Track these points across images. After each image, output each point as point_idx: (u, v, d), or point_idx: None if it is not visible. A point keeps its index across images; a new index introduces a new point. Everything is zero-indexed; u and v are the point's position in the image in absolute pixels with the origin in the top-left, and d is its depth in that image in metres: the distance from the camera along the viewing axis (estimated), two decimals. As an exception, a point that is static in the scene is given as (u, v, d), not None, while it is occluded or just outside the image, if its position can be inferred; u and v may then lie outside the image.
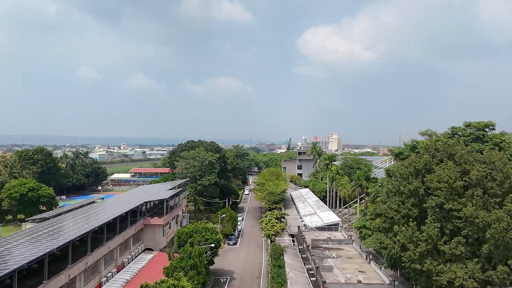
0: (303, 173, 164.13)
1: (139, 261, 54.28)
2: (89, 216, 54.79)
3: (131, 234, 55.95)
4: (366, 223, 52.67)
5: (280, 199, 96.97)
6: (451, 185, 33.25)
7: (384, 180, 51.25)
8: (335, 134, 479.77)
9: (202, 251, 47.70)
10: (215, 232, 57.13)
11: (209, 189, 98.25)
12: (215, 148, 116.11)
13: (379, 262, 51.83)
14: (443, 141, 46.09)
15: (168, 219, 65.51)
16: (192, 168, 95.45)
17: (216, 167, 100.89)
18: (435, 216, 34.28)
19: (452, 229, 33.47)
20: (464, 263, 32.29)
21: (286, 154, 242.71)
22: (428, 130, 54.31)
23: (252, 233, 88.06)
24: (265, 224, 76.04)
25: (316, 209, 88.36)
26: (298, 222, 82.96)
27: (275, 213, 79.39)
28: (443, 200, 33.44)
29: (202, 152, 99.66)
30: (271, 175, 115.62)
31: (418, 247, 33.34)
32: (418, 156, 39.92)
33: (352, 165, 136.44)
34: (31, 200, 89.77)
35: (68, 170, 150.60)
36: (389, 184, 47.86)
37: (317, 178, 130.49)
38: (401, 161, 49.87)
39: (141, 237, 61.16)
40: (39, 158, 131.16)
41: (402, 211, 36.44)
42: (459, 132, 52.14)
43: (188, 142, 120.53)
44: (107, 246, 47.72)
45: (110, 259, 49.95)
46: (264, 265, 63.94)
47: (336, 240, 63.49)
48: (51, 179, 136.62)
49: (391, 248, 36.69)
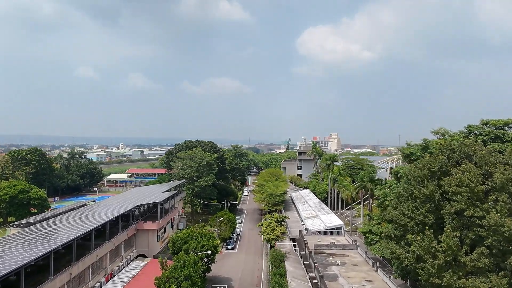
0: (303, 173, 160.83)
1: (131, 269, 50.82)
2: (77, 221, 51.36)
3: (122, 240, 52.49)
4: (372, 228, 49.36)
5: (280, 201, 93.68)
6: (472, 189, 29.89)
7: (392, 183, 47.96)
8: (334, 134, 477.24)
9: (197, 260, 44.25)
10: (212, 238, 53.71)
11: (206, 191, 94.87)
12: (213, 148, 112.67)
13: (387, 270, 48.52)
14: (458, 140, 42.71)
15: (163, 223, 62.04)
16: (189, 169, 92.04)
17: (214, 168, 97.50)
18: (453, 223, 30.91)
19: (474, 238, 30.11)
20: (488, 276, 28.93)
21: (286, 154, 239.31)
22: (441, 129, 50.88)
23: (251, 236, 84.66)
24: (265, 228, 72.63)
25: (318, 212, 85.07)
26: (299, 225, 79.66)
27: (275, 216, 75.91)
28: (463, 206, 30.06)
29: (199, 152, 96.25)
30: (271, 176, 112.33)
31: (436, 258, 29.95)
32: (433, 157, 36.53)
33: (353, 165, 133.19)
34: (21, 203, 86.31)
35: (62, 170, 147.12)
36: (400, 187, 44.51)
37: (318, 179, 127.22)
38: (411, 163, 46.48)
39: (133, 243, 57.69)
40: (33, 158, 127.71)
41: (416, 217, 33.03)
42: (475, 130, 48.66)
43: (185, 142, 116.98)
44: (95, 254, 44.27)
45: (99, 268, 46.48)
46: (264, 272, 60.61)
47: (340, 245, 60.15)
48: (45, 180, 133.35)
49: (404, 259, 33.30)
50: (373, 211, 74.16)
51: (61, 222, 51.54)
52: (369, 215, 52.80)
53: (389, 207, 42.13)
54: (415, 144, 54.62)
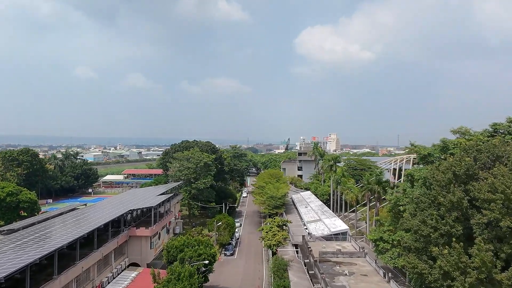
0: (303, 174, 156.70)
1: (121, 280, 46.72)
2: (63, 228, 47.30)
3: (112, 248, 48.33)
4: (383, 235, 45.38)
5: (281, 204, 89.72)
6: (508, 196, 26.01)
7: (405, 186, 43.99)
8: (333, 134, 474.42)
9: (193, 271, 40.24)
10: (209, 245, 49.74)
11: (204, 193, 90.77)
12: (211, 149, 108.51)
13: (401, 282, 44.57)
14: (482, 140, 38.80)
15: (157, 229, 57.90)
16: (186, 170, 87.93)
17: (212, 169, 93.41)
18: (485, 235, 27.04)
19: (510, 252, 26.23)
20: (527, 296, 25.12)
21: (285, 155, 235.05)
22: (461, 128, 46.70)
23: (251, 241, 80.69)
24: (266, 233, 68.58)
25: (321, 215, 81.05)
26: (302, 230, 75.64)
27: (277, 220, 71.87)
28: (498, 215, 26.18)
29: (197, 153, 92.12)
30: (271, 177, 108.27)
31: (467, 276, 26.06)
32: (456, 158, 32.60)
33: (355, 166, 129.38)
34: (10, 206, 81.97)
35: (56, 171, 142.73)
36: (415, 191, 40.61)
37: (319, 180, 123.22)
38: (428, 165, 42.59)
39: (125, 251, 53.51)
40: (24, 159, 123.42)
41: (441, 228, 29.09)
42: (501, 129, 44.49)
43: (183, 142, 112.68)
44: (80, 265, 40.21)
45: (85, 280, 42.41)
46: (265, 280, 56.70)
47: (346, 252, 56.11)
48: (38, 181, 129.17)
49: (427, 275, 29.35)
50: (380, 215, 70.30)
51: (46, 229, 47.39)
52: (379, 220, 48.77)
53: (406, 213, 38.21)
54: (419, 145, 50.78)
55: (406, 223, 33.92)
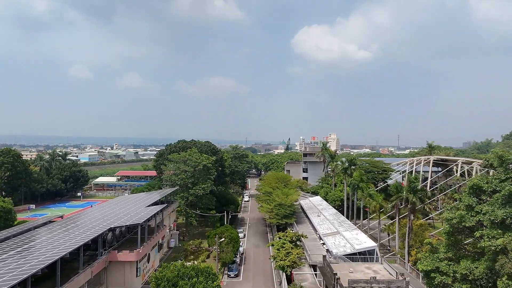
0: (309, 177, 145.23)
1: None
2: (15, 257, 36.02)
3: (84, 281, 37.09)
4: (440, 265, 34.51)
5: (291, 213, 78.49)
6: None
7: (470, 201, 32.95)
8: (333, 134, 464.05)
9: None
10: (211, 275, 38.72)
11: (203, 200, 79.66)
12: (211, 150, 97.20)
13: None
14: None
15: (145, 251, 46.67)
16: (183, 174, 76.77)
17: (212, 173, 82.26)
18: None
19: None
20: None
21: (287, 155, 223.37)
22: None
23: (258, 257, 69.63)
24: (277, 251, 57.10)
25: (338, 226, 69.81)
26: (318, 245, 64.62)
27: (289, 234, 60.41)
28: None
29: (195, 154, 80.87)
30: (278, 181, 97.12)
31: None
32: None
33: (369, 168, 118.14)
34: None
35: (42, 174, 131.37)
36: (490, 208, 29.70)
37: (330, 184, 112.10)
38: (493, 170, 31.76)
39: (103, 279, 42.29)
40: (5, 160, 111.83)
41: None
42: None
43: (179, 142, 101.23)
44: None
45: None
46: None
47: (383, 281, 44.93)
48: (21, 184, 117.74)
49: None
50: (414, 230, 59.30)
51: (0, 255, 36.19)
52: (431, 243, 37.67)
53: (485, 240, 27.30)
54: (437, 145, 40.47)
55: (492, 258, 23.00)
